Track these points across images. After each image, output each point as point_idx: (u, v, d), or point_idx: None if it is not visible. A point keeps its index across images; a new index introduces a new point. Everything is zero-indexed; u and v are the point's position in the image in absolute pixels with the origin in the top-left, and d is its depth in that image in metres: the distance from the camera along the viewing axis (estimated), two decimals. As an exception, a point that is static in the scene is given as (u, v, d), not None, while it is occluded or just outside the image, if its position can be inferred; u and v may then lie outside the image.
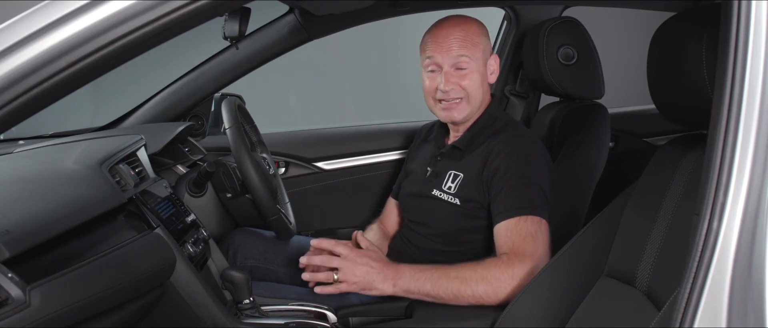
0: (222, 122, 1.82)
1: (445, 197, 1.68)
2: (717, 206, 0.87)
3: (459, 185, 1.67)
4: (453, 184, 1.68)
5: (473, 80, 1.67)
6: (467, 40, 1.66)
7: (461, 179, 1.67)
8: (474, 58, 1.66)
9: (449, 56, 1.65)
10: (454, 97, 1.67)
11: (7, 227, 1.11)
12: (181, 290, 1.50)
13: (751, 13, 0.87)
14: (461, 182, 1.67)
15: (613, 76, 2.21)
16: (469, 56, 1.65)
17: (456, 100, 1.67)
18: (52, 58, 0.84)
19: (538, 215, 1.54)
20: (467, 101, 1.68)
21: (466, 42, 1.66)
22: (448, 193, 1.68)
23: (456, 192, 1.67)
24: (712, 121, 0.91)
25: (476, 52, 1.67)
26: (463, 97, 1.67)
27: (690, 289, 0.88)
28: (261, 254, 1.94)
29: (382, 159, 2.39)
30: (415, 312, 1.59)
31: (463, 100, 1.68)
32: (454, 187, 1.68)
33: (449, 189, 1.68)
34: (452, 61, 1.66)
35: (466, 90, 1.67)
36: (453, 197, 1.67)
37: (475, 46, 1.67)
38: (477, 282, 1.48)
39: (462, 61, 1.65)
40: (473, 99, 1.68)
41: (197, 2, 0.87)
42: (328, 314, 1.59)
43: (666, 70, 1.19)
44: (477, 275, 1.49)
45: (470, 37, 1.66)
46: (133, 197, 1.56)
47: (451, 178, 1.69)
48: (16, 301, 1.04)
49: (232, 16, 1.81)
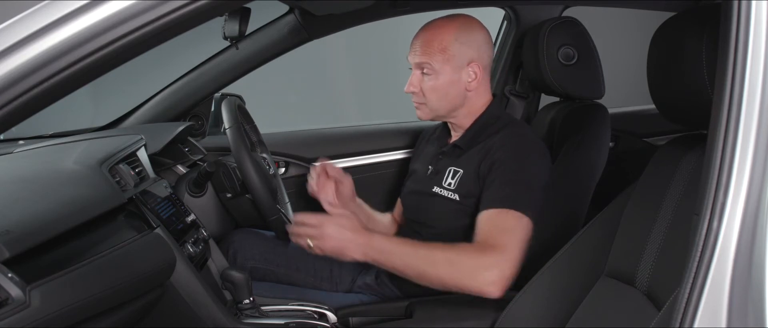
0: (222, 122, 1.82)
1: (444, 193, 1.69)
2: (717, 206, 0.87)
3: (459, 181, 1.67)
4: (453, 180, 1.69)
5: (434, 86, 1.68)
6: (433, 46, 1.67)
7: (461, 175, 1.67)
8: (437, 63, 1.66)
9: (414, 58, 1.70)
10: (415, 100, 1.73)
11: (7, 227, 1.11)
12: (181, 290, 1.50)
13: (751, 13, 0.87)
14: (461, 178, 1.67)
15: (613, 76, 2.21)
16: (430, 63, 1.67)
17: (417, 104, 1.73)
18: (52, 58, 0.84)
19: (520, 211, 1.54)
20: (427, 106, 1.72)
21: (430, 48, 1.67)
22: (448, 189, 1.68)
23: (456, 188, 1.67)
24: (712, 121, 0.91)
25: (442, 57, 1.66)
26: (423, 101, 1.71)
27: (690, 289, 0.88)
28: (261, 254, 1.94)
29: (383, 159, 2.39)
30: (415, 312, 1.59)
31: (423, 104, 1.72)
32: (454, 183, 1.68)
33: (449, 185, 1.68)
34: (417, 63, 1.70)
35: (425, 95, 1.70)
36: (453, 193, 1.67)
37: (441, 52, 1.66)
38: (443, 265, 1.48)
39: (424, 65, 1.68)
40: (434, 104, 1.71)
41: (197, 2, 0.87)
42: (328, 314, 1.59)
43: (666, 70, 1.19)
44: (445, 258, 1.48)
45: (438, 43, 1.66)
46: (133, 197, 1.56)
47: (451, 174, 1.70)
48: (16, 301, 1.04)
49: (232, 16, 1.81)
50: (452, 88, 1.69)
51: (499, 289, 1.46)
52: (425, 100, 1.71)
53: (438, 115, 1.74)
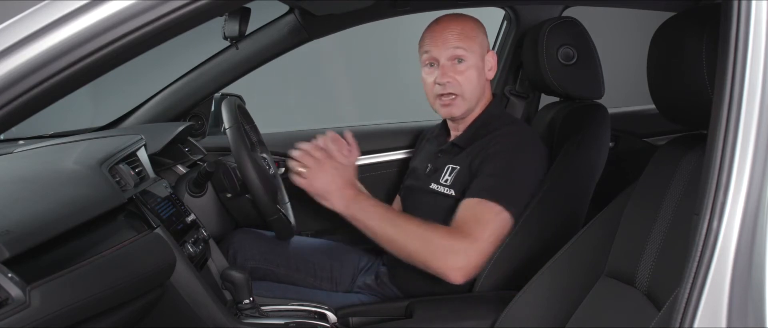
0: (222, 122, 1.82)
1: (441, 190, 1.70)
2: (717, 206, 0.87)
3: (455, 177, 1.68)
4: (450, 177, 1.69)
5: (469, 75, 1.68)
6: (463, 33, 1.68)
7: (457, 171, 1.68)
8: (471, 51, 1.68)
9: (446, 49, 1.68)
10: (451, 91, 1.69)
11: (7, 227, 1.11)
12: (181, 290, 1.50)
13: (751, 13, 0.87)
14: (457, 174, 1.68)
15: (613, 76, 2.21)
16: (466, 48, 1.67)
17: (452, 96, 1.69)
18: (52, 58, 0.84)
19: (500, 204, 1.55)
20: (463, 98, 1.70)
21: (462, 35, 1.68)
22: (444, 186, 1.69)
23: (451, 184, 1.67)
24: (712, 121, 0.91)
25: (473, 45, 1.69)
26: (459, 93, 1.69)
27: (690, 289, 0.88)
28: (261, 254, 1.94)
29: (383, 159, 2.39)
30: (415, 312, 1.59)
31: (458, 96, 1.69)
32: (450, 179, 1.69)
33: (446, 182, 1.69)
34: (449, 54, 1.68)
35: (462, 85, 1.68)
36: (449, 189, 1.68)
37: (471, 39, 1.69)
38: (414, 239, 1.53)
39: (459, 52, 1.67)
40: (469, 94, 1.70)
41: (197, 2, 0.87)
42: (328, 314, 1.59)
43: (666, 70, 1.19)
44: (418, 233, 1.53)
45: (467, 31, 1.69)
46: (133, 197, 1.56)
47: (449, 171, 1.70)
48: (16, 301, 1.04)
49: (232, 16, 1.81)
50: (481, 77, 1.72)
51: (463, 275, 1.51)
52: (461, 91, 1.69)
53: (469, 107, 1.72)
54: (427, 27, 1.75)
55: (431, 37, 1.70)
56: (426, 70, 1.73)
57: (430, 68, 1.71)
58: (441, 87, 1.69)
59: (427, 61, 1.72)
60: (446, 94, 1.69)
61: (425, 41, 1.72)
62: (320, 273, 1.93)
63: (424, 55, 1.72)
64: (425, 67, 1.73)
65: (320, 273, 1.93)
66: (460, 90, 1.69)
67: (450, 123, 1.81)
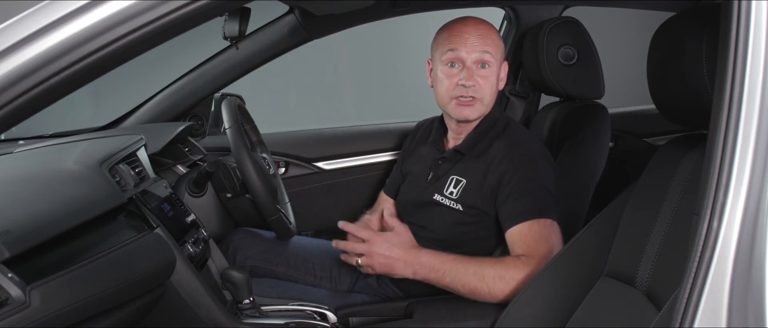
0: (222, 122, 1.82)
1: (446, 202, 1.68)
2: (717, 206, 0.87)
3: (461, 191, 1.66)
4: (455, 189, 1.67)
5: (492, 81, 1.68)
6: (491, 39, 1.67)
7: (464, 185, 1.66)
8: (495, 58, 1.67)
9: (474, 51, 1.64)
10: (472, 94, 1.65)
11: (7, 227, 1.11)
12: (181, 290, 1.50)
13: (751, 13, 0.87)
14: (463, 188, 1.66)
15: (613, 76, 2.21)
16: (492, 54, 1.66)
17: (471, 99, 1.66)
18: (52, 58, 0.84)
19: (549, 217, 1.56)
20: (482, 102, 1.67)
21: (490, 41, 1.66)
22: (449, 198, 1.67)
23: (458, 198, 1.66)
24: (712, 121, 0.91)
25: (498, 53, 1.68)
26: (480, 97, 1.66)
27: (690, 289, 0.88)
28: (261, 254, 1.94)
29: (383, 159, 2.39)
30: (415, 312, 1.59)
31: (478, 100, 1.66)
32: (455, 192, 1.67)
33: (451, 194, 1.67)
34: (476, 57, 1.64)
35: (484, 89, 1.66)
36: (455, 203, 1.66)
37: (497, 46, 1.68)
38: (494, 280, 1.51)
39: (486, 57, 1.64)
40: (488, 100, 1.69)
41: (197, 2, 0.87)
42: (328, 314, 1.59)
43: (666, 71, 1.19)
44: (495, 273, 1.52)
45: (493, 38, 1.68)
46: (133, 197, 1.56)
47: (453, 183, 1.68)
48: (16, 301, 1.04)
49: (232, 16, 1.81)
50: (498, 83, 1.71)
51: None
52: (482, 96, 1.66)
53: (483, 113, 1.70)
54: (450, 26, 1.69)
55: (459, 38, 1.65)
56: (445, 70, 1.67)
57: (450, 68, 1.66)
58: (464, 88, 1.64)
59: (449, 60, 1.66)
60: (467, 95, 1.66)
61: (451, 40, 1.66)
62: (320, 273, 1.93)
63: (448, 54, 1.65)
64: (444, 66, 1.67)
65: (320, 273, 1.93)
66: (481, 94, 1.66)
67: (452, 127, 1.77)
